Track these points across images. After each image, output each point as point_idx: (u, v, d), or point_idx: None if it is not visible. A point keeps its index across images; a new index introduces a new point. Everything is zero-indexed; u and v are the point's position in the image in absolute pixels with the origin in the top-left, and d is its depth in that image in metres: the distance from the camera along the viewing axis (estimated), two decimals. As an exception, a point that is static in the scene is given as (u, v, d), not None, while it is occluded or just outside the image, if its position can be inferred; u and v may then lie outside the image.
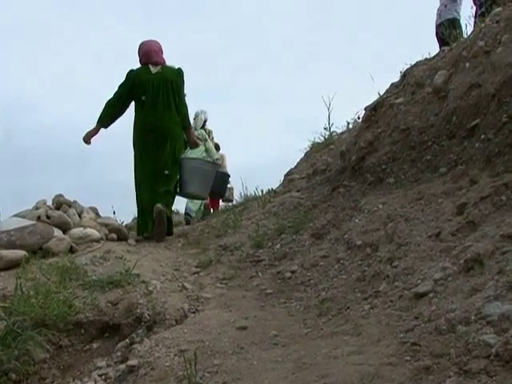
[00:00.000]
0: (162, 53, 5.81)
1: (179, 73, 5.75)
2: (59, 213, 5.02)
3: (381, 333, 2.47)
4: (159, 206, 5.32)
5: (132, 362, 2.91)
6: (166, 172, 5.56)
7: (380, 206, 3.91)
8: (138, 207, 5.69)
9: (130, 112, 5.71)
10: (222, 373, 2.49)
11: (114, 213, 6.15)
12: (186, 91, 5.85)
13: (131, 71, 5.69)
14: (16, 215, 5.03)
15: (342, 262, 3.61)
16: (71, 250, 4.66)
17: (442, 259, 2.87)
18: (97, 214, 5.67)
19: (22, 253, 4.35)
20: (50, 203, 5.26)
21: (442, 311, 2.36)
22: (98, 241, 4.95)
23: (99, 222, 5.34)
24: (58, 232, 4.82)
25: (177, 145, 5.70)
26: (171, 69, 5.77)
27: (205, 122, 8.76)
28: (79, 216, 5.29)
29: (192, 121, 6.59)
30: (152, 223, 5.40)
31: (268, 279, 3.91)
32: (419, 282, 2.76)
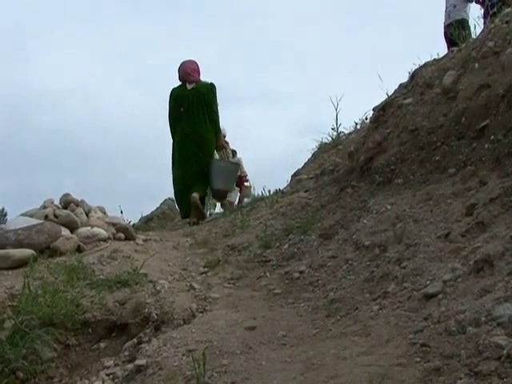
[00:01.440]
0: (198, 71, 7.00)
1: (211, 87, 6.90)
2: (67, 212, 5.02)
3: (390, 334, 2.45)
4: (195, 195, 6.61)
5: (140, 361, 2.91)
6: (206, 169, 6.77)
7: (388, 207, 3.90)
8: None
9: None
10: (230, 373, 2.48)
11: (122, 212, 6.21)
12: (218, 102, 6.97)
13: (172, 90, 7.01)
14: (24, 214, 5.03)
15: (350, 262, 3.59)
16: (79, 249, 4.65)
17: (451, 260, 2.85)
18: (104, 213, 5.68)
19: (29, 252, 4.35)
20: (57, 202, 5.26)
21: (451, 312, 2.34)
22: (105, 240, 4.94)
23: (107, 222, 5.33)
24: (65, 231, 4.81)
25: (210, 148, 6.96)
26: (205, 84, 6.92)
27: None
28: (87, 215, 5.29)
29: None
30: (189, 208, 6.69)
31: (276, 279, 3.89)
32: (428, 282, 2.75)
